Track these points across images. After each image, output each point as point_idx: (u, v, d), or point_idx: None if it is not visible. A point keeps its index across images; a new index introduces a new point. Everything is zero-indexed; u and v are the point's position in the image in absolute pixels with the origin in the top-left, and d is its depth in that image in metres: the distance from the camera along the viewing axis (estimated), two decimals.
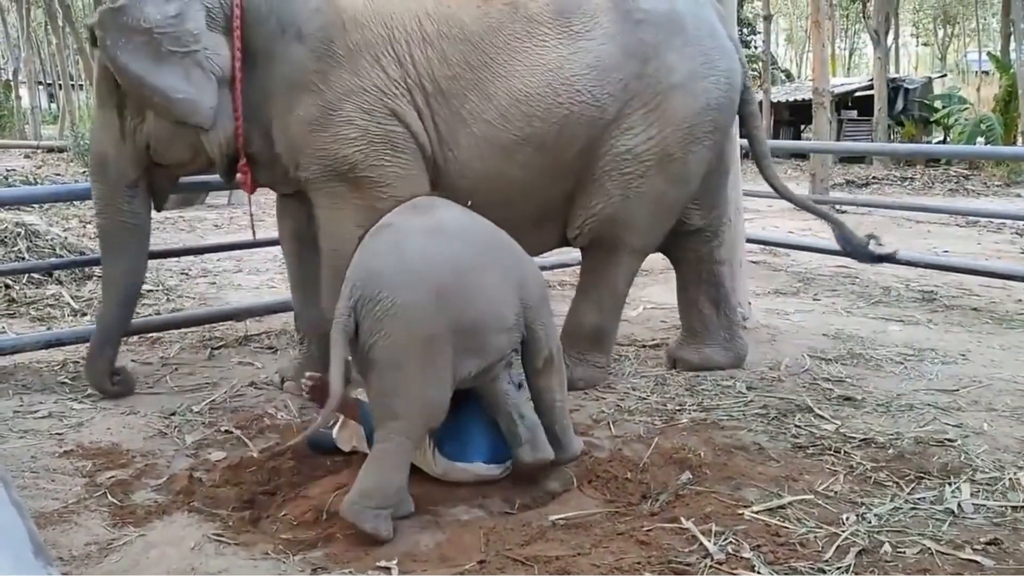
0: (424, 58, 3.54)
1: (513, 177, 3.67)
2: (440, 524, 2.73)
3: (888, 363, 4.33)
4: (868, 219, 10.19)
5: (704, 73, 3.81)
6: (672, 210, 3.98)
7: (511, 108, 3.57)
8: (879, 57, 18.90)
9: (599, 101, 3.64)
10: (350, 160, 3.53)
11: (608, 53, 3.65)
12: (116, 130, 3.68)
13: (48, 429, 3.53)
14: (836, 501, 2.80)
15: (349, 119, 3.51)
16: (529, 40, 3.60)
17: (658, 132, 3.74)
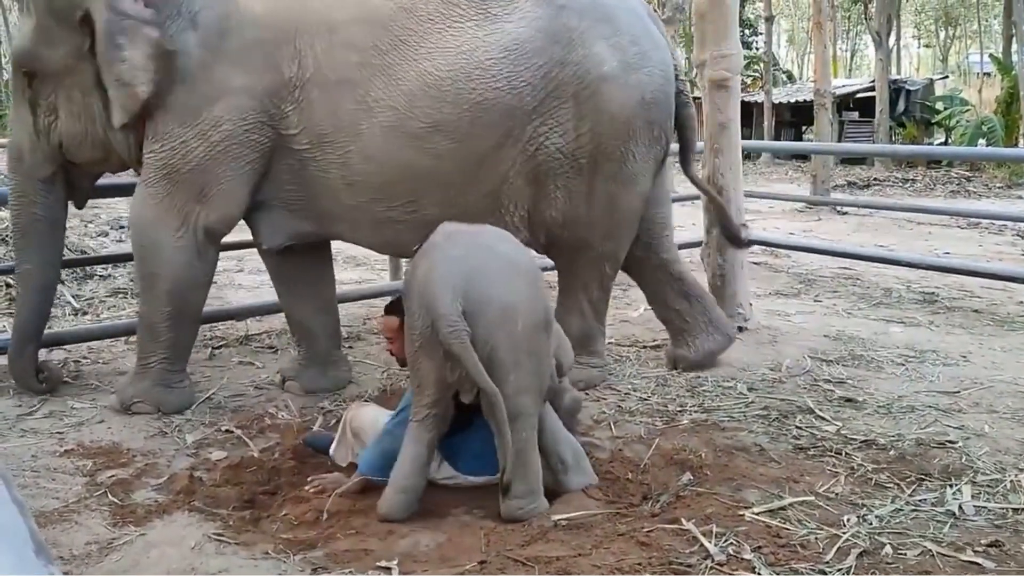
0: (329, 46, 3.44)
1: (425, 168, 3.49)
2: (441, 525, 2.73)
3: (889, 365, 4.32)
4: (869, 220, 10.20)
5: (637, 65, 3.63)
6: (630, 211, 3.83)
7: (419, 93, 3.41)
8: (881, 58, 18.92)
9: (515, 88, 3.47)
10: (195, 160, 3.47)
11: (528, 37, 3.48)
12: (30, 127, 3.67)
13: (49, 428, 3.53)
14: (837, 502, 2.79)
15: (218, 120, 3.45)
16: (443, 21, 3.46)
17: (589, 129, 3.58)
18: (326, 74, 3.43)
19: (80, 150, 3.68)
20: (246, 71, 3.45)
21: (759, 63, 25.05)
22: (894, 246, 8.10)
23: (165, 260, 3.60)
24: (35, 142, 3.68)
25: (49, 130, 3.65)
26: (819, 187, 11.88)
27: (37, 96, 3.63)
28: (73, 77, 3.56)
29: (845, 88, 22.55)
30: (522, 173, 3.61)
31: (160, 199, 3.55)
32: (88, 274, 6.30)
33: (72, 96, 3.60)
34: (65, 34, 3.51)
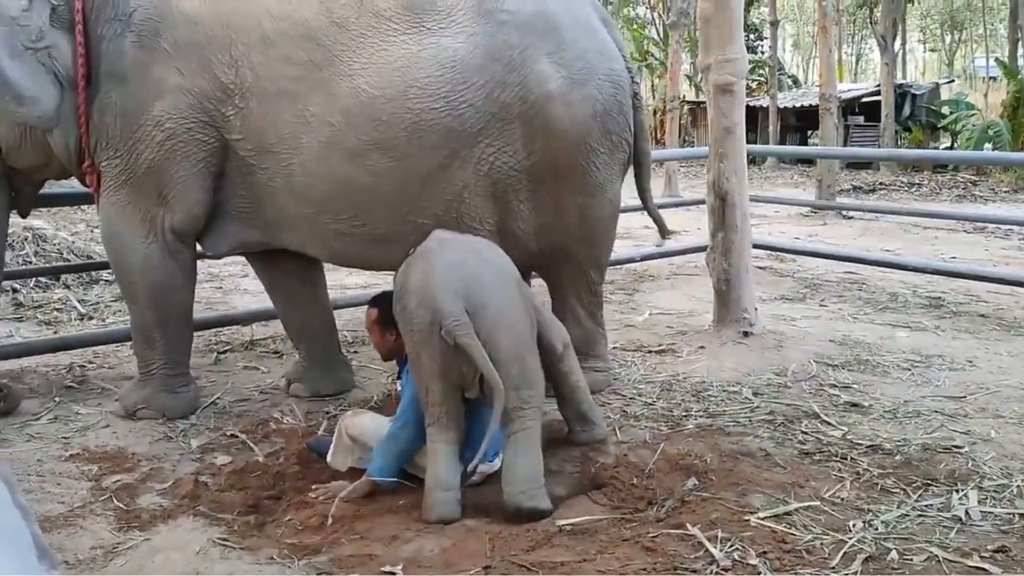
0: (265, 59, 3.38)
1: (365, 185, 3.41)
2: (445, 529, 2.72)
3: (895, 369, 4.31)
4: (875, 224, 10.17)
5: (584, 79, 3.53)
6: (603, 218, 3.78)
7: (356, 109, 3.33)
8: (886, 63, 18.90)
9: (456, 110, 3.36)
10: (148, 163, 3.46)
11: (466, 53, 3.36)
12: None
13: (54, 433, 3.54)
14: (843, 508, 2.79)
15: (159, 120, 3.42)
16: (376, 36, 3.36)
17: (542, 146, 3.49)
18: (264, 86, 3.38)
19: (19, 155, 3.62)
20: (182, 72, 3.41)
21: (764, 67, 25.00)
22: (900, 250, 8.09)
23: (140, 267, 3.61)
24: None
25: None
26: (824, 191, 11.86)
27: None
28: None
29: (851, 92, 22.51)
30: (479, 192, 3.51)
31: (123, 207, 3.56)
32: (94, 279, 6.32)
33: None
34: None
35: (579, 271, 3.85)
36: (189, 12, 3.41)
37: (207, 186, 3.53)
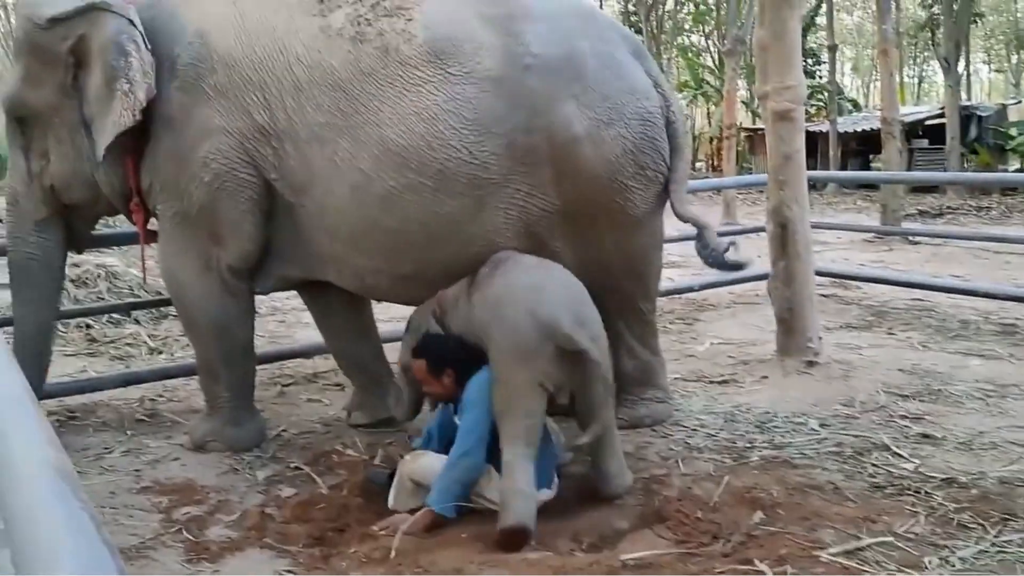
0: (296, 105, 3.41)
1: (394, 228, 3.43)
2: (508, 563, 2.71)
3: (968, 399, 4.18)
4: (943, 250, 9.93)
5: (611, 119, 3.47)
6: (644, 250, 3.76)
7: (384, 158, 3.35)
8: (950, 84, 18.57)
9: (478, 159, 3.35)
10: (199, 203, 3.53)
11: (489, 105, 3.34)
12: (24, 172, 3.76)
13: (126, 465, 3.63)
14: (917, 543, 2.70)
15: (205, 161, 3.49)
16: (401, 85, 3.36)
17: (573, 189, 3.46)
18: (297, 130, 3.43)
19: (71, 191, 3.75)
20: (223, 112, 3.48)
21: (823, 92, 24.76)
22: (970, 276, 7.87)
23: (199, 305, 3.70)
24: (28, 186, 3.76)
25: (41, 174, 3.72)
26: (889, 216, 11.62)
27: (29, 140, 3.72)
28: (59, 116, 3.64)
29: (913, 115, 22.13)
30: (513, 234, 3.48)
31: (181, 246, 3.66)
32: (163, 314, 6.48)
33: (60, 136, 3.68)
34: (48, 72, 3.59)
35: (628, 303, 3.82)
36: (226, 56, 3.49)
37: (257, 222, 3.60)
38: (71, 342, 5.80)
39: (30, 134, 3.72)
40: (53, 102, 3.63)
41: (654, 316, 4.02)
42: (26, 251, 3.82)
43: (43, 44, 3.56)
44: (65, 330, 5.95)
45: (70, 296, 6.49)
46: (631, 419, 3.88)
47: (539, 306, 3.02)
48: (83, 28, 3.51)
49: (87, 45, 3.53)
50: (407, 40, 3.39)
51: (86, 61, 3.56)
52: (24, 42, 3.64)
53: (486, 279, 3.22)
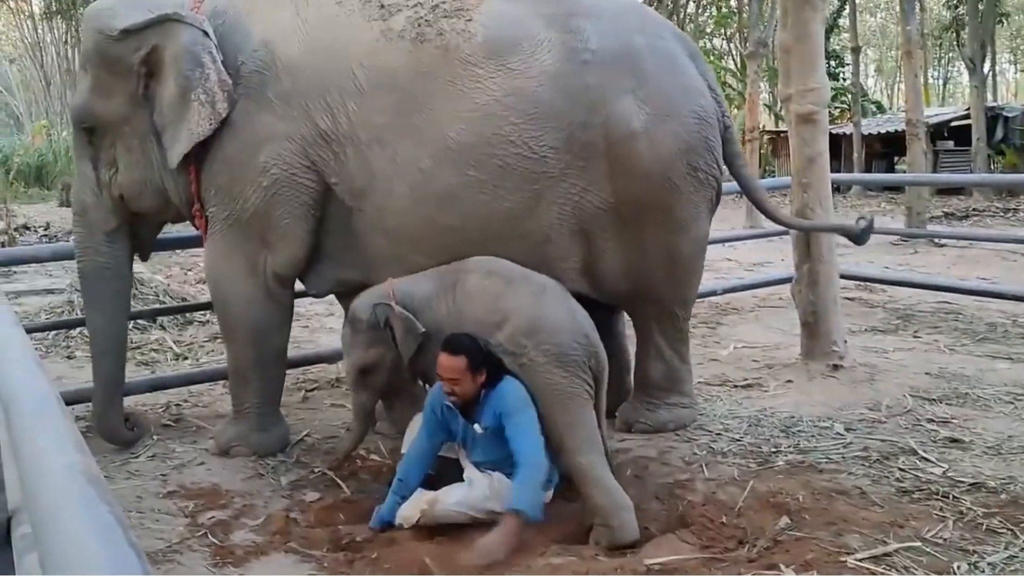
0: (358, 108, 3.46)
1: (452, 226, 3.47)
2: (532, 568, 2.71)
3: (997, 403, 4.13)
4: (969, 252, 9.80)
5: (666, 115, 3.53)
6: (688, 256, 3.76)
7: (444, 156, 3.41)
8: (975, 85, 18.35)
9: (537, 153, 3.41)
10: (253, 208, 3.56)
11: (548, 100, 3.40)
12: (92, 182, 3.79)
13: (152, 470, 3.66)
14: (946, 549, 2.67)
15: (264, 166, 3.52)
16: (462, 83, 3.41)
17: (626, 185, 3.50)
18: (358, 133, 3.48)
19: (141, 199, 3.80)
20: (286, 119, 3.53)
21: (847, 94, 24.56)
22: (997, 278, 7.77)
23: (241, 309, 3.73)
24: (98, 196, 3.80)
25: (110, 183, 3.77)
26: (914, 219, 11.50)
27: (97, 151, 3.76)
28: (130, 125, 3.69)
29: (938, 117, 21.89)
30: (565, 230, 3.54)
31: (229, 250, 3.69)
32: (188, 320, 6.54)
33: (130, 145, 3.72)
34: (119, 83, 3.65)
35: (665, 309, 3.82)
36: (289, 63, 3.54)
37: (309, 229, 3.64)
38: None
39: (98, 144, 3.77)
40: (124, 112, 3.68)
41: (687, 324, 4.02)
42: (99, 260, 3.86)
43: (114, 55, 3.62)
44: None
45: None
46: (655, 424, 3.87)
47: (583, 330, 3.15)
48: (155, 39, 3.57)
49: (159, 56, 3.59)
50: (467, 39, 3.45)
51: (158, 71, 3.62)
52: (94, 54, 3.68)
53: (484, 283, 3.23)
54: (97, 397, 3.90)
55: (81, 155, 3.84)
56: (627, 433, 3.89)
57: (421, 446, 3.15)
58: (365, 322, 3.27)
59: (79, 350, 5.80)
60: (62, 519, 0.89)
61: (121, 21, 3.56)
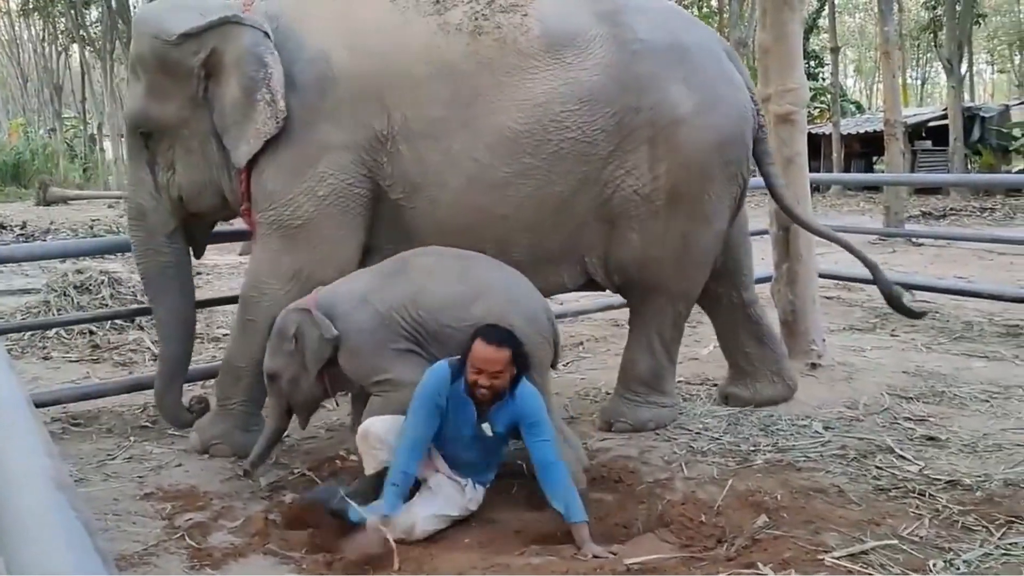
0: (413, 101, 3.52)
1: (506, 214, 3.60)
2: (512, 568, 2.70)
3: (973, 401, 4.17)
4: (947, 251, 9.90)
5: (711, 106, 3.69)
6: (704, 250, 3.86)
7: (500, 145, 3.52)
8: (953, 85, 18.54)
9: (589, 136, 3.56)
10: (305, 216, 3.57)
11: (601, 86, 3.56)
12: (150, 185, 3.80)
13: (129, 472, 3.62)
14: (922, 546, 2.69)
15: (322, 176, 3.55)
16: (519, 75, 3.54)
17: (665, 171, 3.64)
18: (412, 127, 3.54)
19: (200, 199, 3.81)
20: (343, 128, 3.56)
21: (826, 94, 24.74)
22: (974, 277, 7.85)
23: (269, 312, 3.66)
24: (157, 200, 3.81)
25: (168, 185, 3.78)
26: (892, 218, 11.61)
27: (154, 154, 3.77)
28: (189, 127, 3.70)
29: (916, 117, 22.11)
30: (599, 215, 3.69)
31: (275, 255, 3.68)
32: None
33: (190, 147, 3.72)
34: (177, 86, 3.64)
35: (669, 304, 3.91)
36: (345, 71, 3.57)
37: (360, 239, 3.68)
38: (74, 348, 5.80)
39: (155, 148, 3.76)
40: (183, 115, 3.68)
41: (684, 323, 4.07)
42: (162, 261, 3.89)
43: (173, 59, 3.61)
44: (68, 336, 5.97)
45: (73, 302, 6.50)
46: (635, 423, 3.88)
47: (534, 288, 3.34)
48: (214, 42, 3.57)
49: (219, 58, 3.59)
50: (523, 33, 3.58)
51: (218, 73, 3.61)
52: (150, 58, 3.66)
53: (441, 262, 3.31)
54: (159, 379, 3.97)
55: (136, 160, 3.83)
56: (607, 432, 3.91)
57: (417, 435, 2.97)
58: (277, 329, 3.33)
59: (55, 351, 5.74)
60: (29, 525, 0.88)
61: (178, 25, 3.56)
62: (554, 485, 2.91)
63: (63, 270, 7.38)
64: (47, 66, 33.80)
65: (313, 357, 3.25)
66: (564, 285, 3.94)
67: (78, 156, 31.47)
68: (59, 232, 13.36)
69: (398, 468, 2.94)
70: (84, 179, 27.51)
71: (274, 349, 3.33)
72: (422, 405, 2.97)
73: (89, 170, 28.96)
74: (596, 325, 6.26)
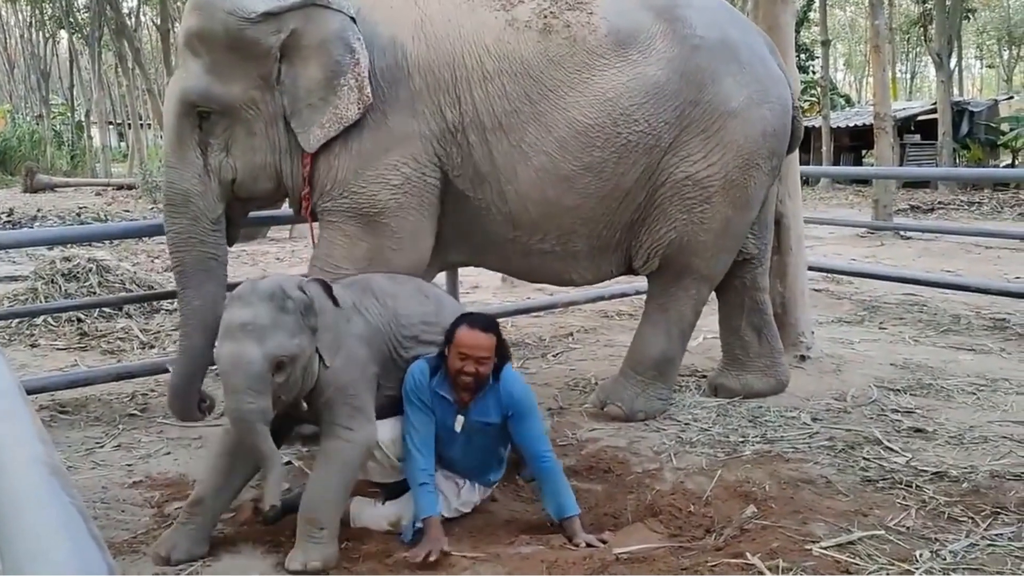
0: (484, 95, 3.58)
1: (572, 206, 3.71)
2: (502, 558, 2.71)
3: (960, 393, 4.20)
4: (935, 245, 9.97)
5: (760, 100, 3.84)
6: (737, 236, 4.00)
7: (570, 139, 3.61)
8: (942, 80, 18.59)
9: (655, 129, 3.69)
10: (381, 205, 3.56)
11: (665, 80, 3.69)
12: (199, 168, 3.64)
13: (118, 460, 3.62)
14: (908, 537, 2.71)
15: (396, 164, 3.55)
16: (589, 72, 3.64)
17: (719, 159, 3.78)
18: (483, 120, 3.59)
19: (255, 183, 3.70)
20: (416, 117, 3.58)
21: (816, 88, 24.79)
22: (961, 271, 7.90)
23: None
24: (206, 183, 3.63)
25: (220, 168, 3.64)
26: (881, 212, 11.66)
27: (208, 135, 3.62)
28: (256, 108, 3.59)
29: (906, 111, 22.19)
30: (652, 201, 3.82)
31: (351, 239, 3.62)
32: (155, 308, 6.47)
33: (253, 129, 3.61)
34: (249, 65, 3.54)
35: (695, 286, 4.01)
36: (419, 60, 3.58)
37: (434, 229, 3.69)
38: (62, 336, 5.78)
39: (209, 129, 3.61)
40: (251, 95, 3.57)
41: (701, 309, 4.14)
42: (205, 252, 3.69)
43: (250, 38, 3.50)
44: (56, 324, 5.94)
45: (60, 290, 6.47)
46: (627, 412, 3.91)
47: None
48: (295, 23, 3.51)
49: (299, 40, 3.53)
50: (592, 31, 3.68)
51: (295, 55, 3.54)
52: (223, 36, 3.51)
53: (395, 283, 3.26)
54: (178, 374, 3.70)
55: (185, 141, 3.63)
56: (597, 414, 3.96)
57: (422, 432, 2.94)
58: (299, 302, 2.80)
59: (43, 338, 5.71)
60: (22, 511, 0.87)
61: (259, 4, 3.50)
62: (546, 483, 2.92)
63: (50, 257, 7.34)
64: (34, 52, 33.55)
65: (333, 339, 2.87)
66: (611, 273, 4.06)
67: (65, 143, 31.27)
68: (46, 219, 13.27)
69: (419, 468, 2.89)
70: (71, 166, 27.33)
71: (297, 325, 2.76)
72: (410, 403, 2.96)
73: (76, 157, 28.77)
74: (586, 316, 6.27)
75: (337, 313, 2.90)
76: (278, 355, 2.67)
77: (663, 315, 4.03)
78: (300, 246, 10.63)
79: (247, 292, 2.78)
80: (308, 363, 2.79)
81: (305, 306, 2.78)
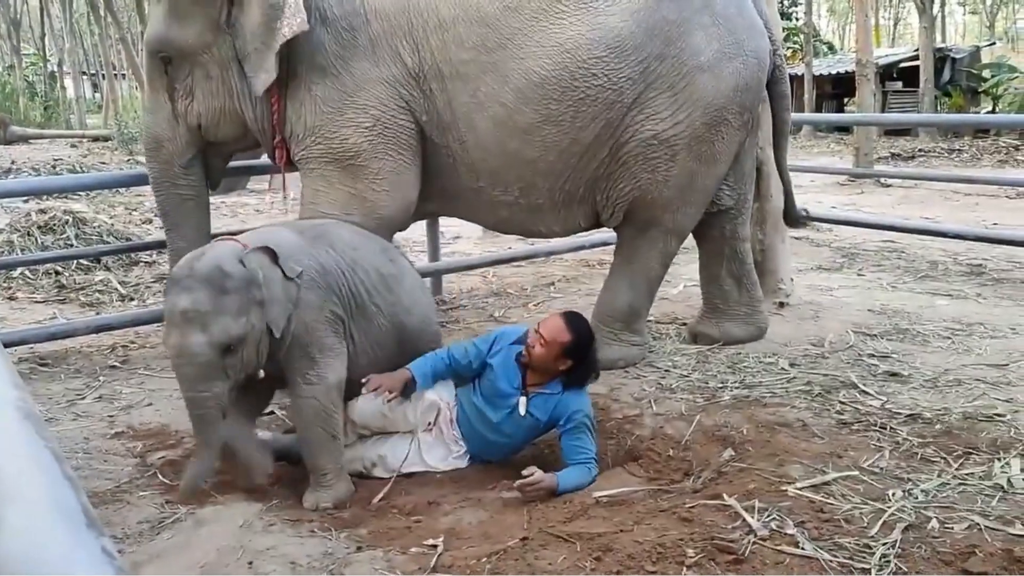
0: (441, 42, 3.53)
1: (532, 158, 3.65)
2: (483, 502, 2.76)
3: (935, 338, 4.25)
4: (914, 192, 10.02)
5: (732, 54, 3.71)
6: (704, 190, 3.93)
7: (527, 90, 3.54)
8: (924, 26, 18.48)
9: (616, 84, 3.57)
10: (355, 148, 3.55)
11: (628, 33, 3.56)
12: (168, 112, 3.72)
13: (99, 412, 3.62)
14: (882, 477, 2.76)
15: (364, 107, 3.54)
16: (547, 20, 3.54)
17: (686, 117, 3.68)
18: (441, 68, 3.56)
19: (219, 128, 3.74)
20: (378, 62, 3.56)
21: (799, 35, 24.60)
22: (940, 218, 7.95)
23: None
24: (174, 128, 3.74)
25: (187, 113, 3.70)
26: (862, 159, 11.66)
27: (173, 80, 3.68)
28: (209, 52, 3.61)
29: (888, 58, 22.09)
30: (616, 157, 3.72)
31: (331, 184, 3.63)
32: (134, 260, 6.42)
33: (210, 72, 3.64)
34: (200, 9, 3.56)
35: (662, 239, 3.96)
36: (376, 6, 3.57)
37: (418, 170, 3.68)
38: (40, 289, 5.73)
39: (173, 74, 3.67)
40: (204, 39, 3.59)
41: (670, 261, 4.13)
42: (179, 193, 3.85)
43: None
44: (34, 277, 5.89)
45: (37, 243, 6.40)
46: (605, 361, 3.90)
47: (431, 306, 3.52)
48: None
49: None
50: None
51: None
52: None
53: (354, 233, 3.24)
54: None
55: (156, 86, 3.74)
56: None
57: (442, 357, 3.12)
58: (240, 277, 2.65)
59: (20, 291, 5.67)
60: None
61: None
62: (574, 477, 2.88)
63: (26, 210, 7.25)
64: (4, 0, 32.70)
65: (281, 309, 2.74)
66: (580, 226, 4.02)
67: (38, 94, 30.67)
68: (20, 172, 13.07)
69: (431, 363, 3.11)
70: (45, 118, 26.83)
71: (241, 304, 2.63)
72: (468, 345, 3.14)
73: (50, 108, 28.23)
74: (567, 265, 6.28)
75: (286, 282, 2.76)
76: (224, 341, 2.60)
77: (628, 267, 4.02)
78: (280, 198, 10.51)
79: (184, 275, 2.65)
80: (260, 338, 2.72)
81: (247, 281, 2.65)
